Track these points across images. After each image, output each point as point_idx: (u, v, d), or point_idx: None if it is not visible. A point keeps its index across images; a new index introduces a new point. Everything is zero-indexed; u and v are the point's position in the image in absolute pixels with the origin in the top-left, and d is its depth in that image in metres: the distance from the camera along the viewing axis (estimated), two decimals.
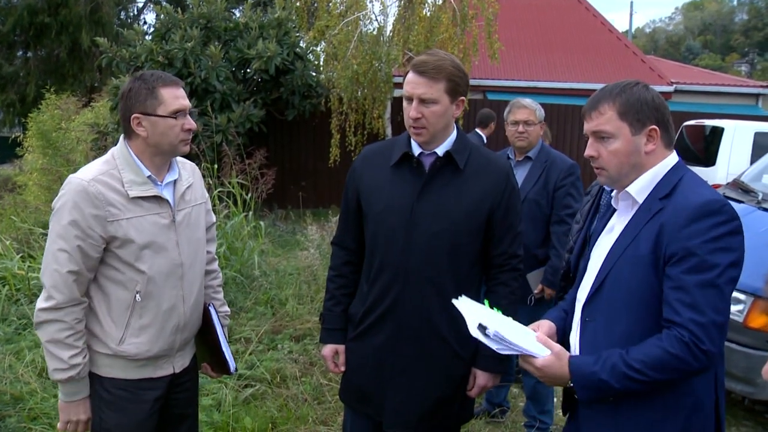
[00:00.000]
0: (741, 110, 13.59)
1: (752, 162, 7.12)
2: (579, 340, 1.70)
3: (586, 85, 13.87)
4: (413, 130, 1.99)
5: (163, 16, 9.31)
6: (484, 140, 6.49)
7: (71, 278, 1.83)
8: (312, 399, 3.63)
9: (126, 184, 1.89)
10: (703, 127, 9.06)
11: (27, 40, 17.52)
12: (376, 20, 10.49)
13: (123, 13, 20.92)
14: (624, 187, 1.67)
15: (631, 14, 35.11)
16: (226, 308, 2.32)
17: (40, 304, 1.85)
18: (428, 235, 1.98)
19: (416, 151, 2.04)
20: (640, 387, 1.51)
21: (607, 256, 1.67)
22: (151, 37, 9.45)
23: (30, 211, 7.62)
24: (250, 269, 5.34)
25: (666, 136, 1.64)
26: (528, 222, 2.99)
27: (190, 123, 1.96)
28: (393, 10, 10.69)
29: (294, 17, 10.18)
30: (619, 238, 1.66)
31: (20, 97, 17.27)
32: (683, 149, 9.01)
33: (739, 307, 3.49)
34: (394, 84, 9.87)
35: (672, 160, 1.65)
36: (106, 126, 8.95)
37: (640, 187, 1.64)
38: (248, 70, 9.28)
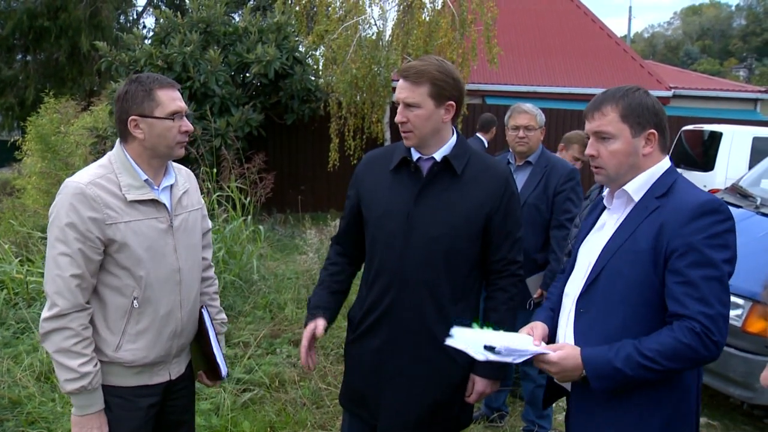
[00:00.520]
0: (739, 115, 13.63)
1: (750, 167, 7.12)
2: (573, 331, 1.74)
3: (585, 90, 13.83)
4: (402, 134, 2.01)
5: (162, 20, 9.32)
6: (485, 145, 6.50)
7: (74, 282, 1.80)
8: (310, 403, 3.62)
9: (123, 187, 1.87)
10: (702, 131, 9.07)
11: (26, 43, 17.58)
12: (375, 25, 10.53)
13: (122, 17, 20.97)
14: (620, 186, 1.74)
15: (630, 19, 35.28)
16: (222, 315, 2.30)
17: (44, 314, 1.81)
18: (426, 239, 1.98)
19: (415, 156, 2.04)
20: (654, 376, 1.56)
21: (603, 250, 1.72)
22: (150, 41, 9.47)
23: (29, 215, 7.62)
24: (248, 273, 5.34)
25: (662, 141, 1.73)
26: (527, 226, 2.98)
27: (187, 125, 1.95)
28: (392, 15, 10.71)
29: (293, 21, 10.19)
30: (615, 233, 1.72)
31: (19, 101, 17.32)
32: (682, 154, 9.02)
33: (738, 311, 3.49)
34: (392, 88, 9.88)
35: (666, 163, 1.74)
36: (105, 130, 8.93)
37: (637, 186, 1.72)
38: (247, 75, 9.29)
